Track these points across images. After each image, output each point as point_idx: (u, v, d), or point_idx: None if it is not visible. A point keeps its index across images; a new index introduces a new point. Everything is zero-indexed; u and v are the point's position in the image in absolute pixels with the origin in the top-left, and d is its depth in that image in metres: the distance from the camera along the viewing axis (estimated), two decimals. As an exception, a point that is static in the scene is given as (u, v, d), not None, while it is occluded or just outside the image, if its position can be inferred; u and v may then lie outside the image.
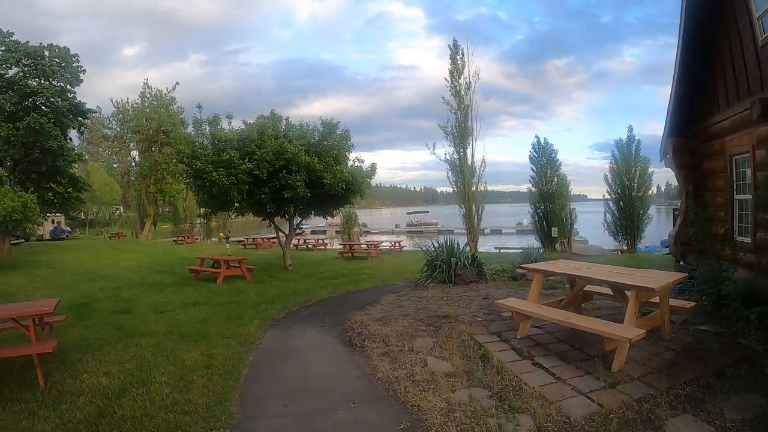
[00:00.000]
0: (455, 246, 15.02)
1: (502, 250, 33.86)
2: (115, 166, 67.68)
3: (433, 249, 15.21)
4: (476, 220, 30.60)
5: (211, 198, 18.01)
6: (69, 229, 63.91)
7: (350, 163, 19.15)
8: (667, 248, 36.39)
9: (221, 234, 47.89)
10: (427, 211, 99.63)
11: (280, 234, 20.93)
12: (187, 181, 19.96)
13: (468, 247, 19.99)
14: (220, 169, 16.53)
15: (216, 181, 16.41)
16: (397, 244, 30.34)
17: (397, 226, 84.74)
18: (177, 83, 17.32)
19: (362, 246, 28.47)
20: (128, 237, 59.23)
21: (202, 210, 21.70)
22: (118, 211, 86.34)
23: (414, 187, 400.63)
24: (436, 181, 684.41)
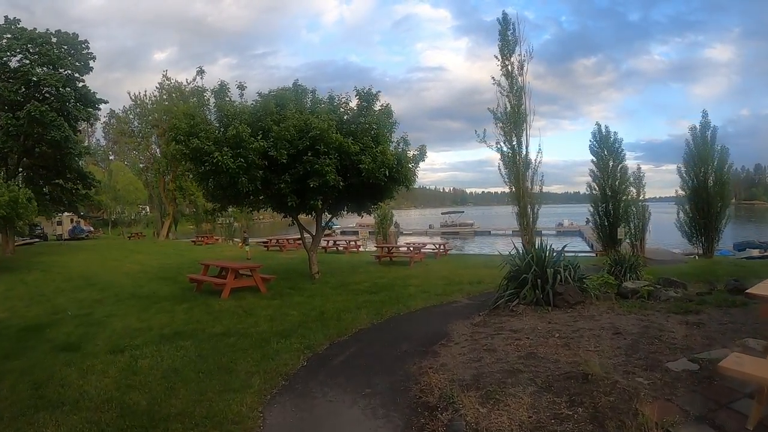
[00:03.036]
0: (548, 251, 10.91)
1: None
2: (141, 166, 65.51)
3: (515, 255, 11.14)
4: (531, 219, 26.81)
5: (218, 189, 14.31)
6: (91, 228, 62.47)
7: (393, 144, 15.22)
8: (741, 251, 32.92)
9: (242, 235, 44.08)
10: (462, 211, 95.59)
11: (305, 235, 16.90)
12: (186, 166, 16.28)
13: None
14: (225, 149, 12.75)
15: (219, 165, 12.63)
16: (441, 247, 26.22)
17: (431, 226, 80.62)
18: (201, 70, 14.70)
19: (402, 249, 24.46)
20: (148, 237, 56.63)
21: (210, 206, 17.90)
22: (144, 211, 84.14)
23: (443, 188, 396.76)
24: (466, 182, 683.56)
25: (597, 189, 27.67)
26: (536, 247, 11.08)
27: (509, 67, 25.97)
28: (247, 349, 7.71)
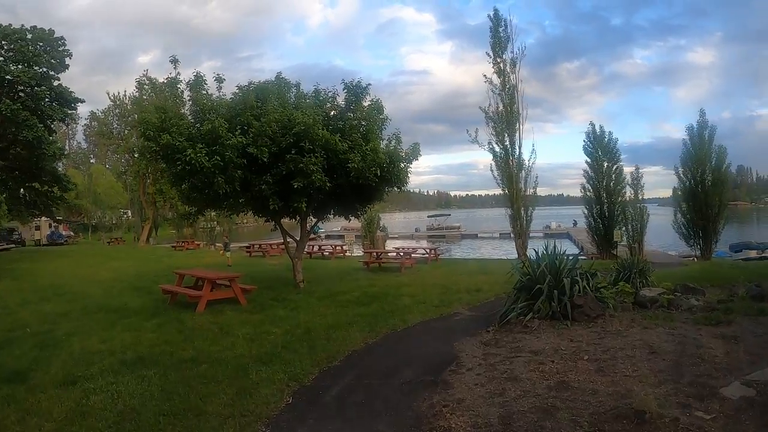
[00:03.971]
0: (562, 257, 9.74)
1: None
2: (122, 169, 63.99)
3: (525, 263, 10.01)
4: (525, 221, 25.83)
5: (193, 190, 13.07)
6: (71, 233, 61.11)
7: (384, 142, 14.03)
8: (738, 253, 32.11)
9: (223, 240, 42.40)
10: (449, 214, 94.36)
11: (289, 240, 15.63)
12: (157, 166, 14.99)
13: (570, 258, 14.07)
14: (199, 146, 11.51)
15: (193, 163, 11.38)
16: (432, 252, 24.97)
17: (417, 230, 79.48)
18: (175, 59, 13.34)
19: (391, 254, 23.22)
20: (129, 242, 55.10)
21: (186, 209, 16.60)
22: (125, 215, 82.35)
23: (427, 191, 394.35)
24: (449, 185, 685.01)
25: (591, 190, 26.82)
26: (548, 252, 9.88)
27: (501, 65, 25.20)
28: (220, 381, 6.43)
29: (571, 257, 10.03)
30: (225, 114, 12.51)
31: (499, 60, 25.29)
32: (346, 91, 13.84)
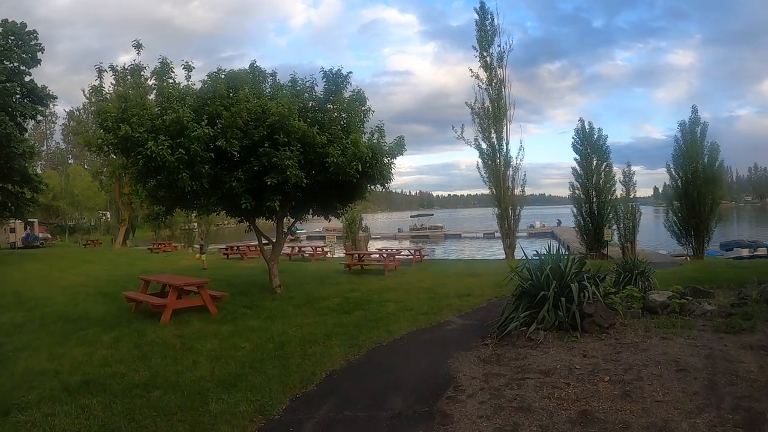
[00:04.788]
0: (567, 261, 8.72)
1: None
2: (102, 170, 62.38)
3: (527, 265, 8.93)
4: (513, 221, 25.00)
5: (159, 188, 11.91)
6: (47, 236, 60.12)
7: (366, 136, 12.98)
8: (729, 251, 31.55)
9: (198, 242, 40.91)
10: (432, 214, 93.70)
11: (264, 242, 14.50)
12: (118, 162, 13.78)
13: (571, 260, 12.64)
14: (162, 138, 10.36)
15: (154, 157, 10.23)
16: (417, 253, 23.83)
17: (399, 230, 78.67)
18: (138, 44, 12.22)
19: (374, 256, 22.14)
20: (106, 245, 53.35)
21: (153, 209, 15.42)
22: (104, 217, 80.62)
23: (409, 192, 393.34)
24: (431, 186, 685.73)
25: (580, 189, 26.02)
26: (551, 254, 8.86)
27: (488, 59, 24.45)
28: (173, 414, 5.31)
29: (576, 259, 9.01)
30: (192, 103, 11.39)
31: (485, 54, 24.63)
32: (325, 80, 12.73)
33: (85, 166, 74.29)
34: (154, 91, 11.99)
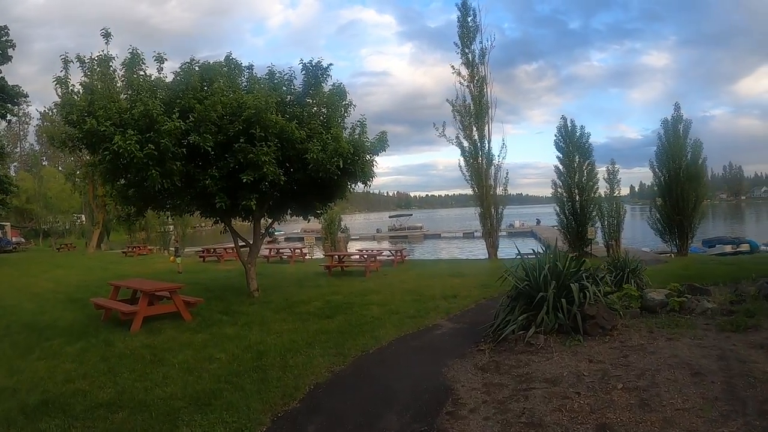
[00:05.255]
0: (566, 259, 8.18)
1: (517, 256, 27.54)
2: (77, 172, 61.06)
3: (523, 264, 8.37)
4: (495, 220, 24.56)
5: (129, 187, 11.24)
6: (21, 240, 58.96)
7: (347, 131, 12.40)
8: (712, 248, 31.44)
9: (174, 245, 39.86)
10: (411, 214, 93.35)
11: (241, 244, 13.85)
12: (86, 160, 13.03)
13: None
14: (130, 132, 9.66)
15: (121, 153, 9.55)
16: (399, 254, 23.27)
17: (378, 230, 77.96)
18: (107, 32, 11.47)
19: (355, 257, 21.52)
20: (80, 248, 51.80)
21: (124, 209, 14.71)
22: (79, 220, 79.08)
23: (387, 192, 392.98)
24: (409, 186, 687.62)
25: (562, 187, 25.64)
26: (548, 253, 8.35)
27: (470, 56, 23.98)
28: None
29: (572, 257, 8.49)
30: (164, 97, 10.72)
31: (467, 51, 24.18)
32: (304, 73, 12.12)
33: (60, 168, 72.86)
34: (124, 83, 11.29)
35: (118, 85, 11.18)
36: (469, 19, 24.01)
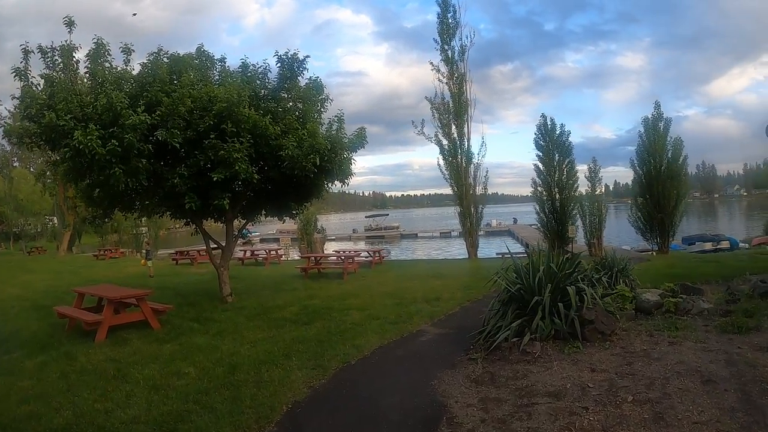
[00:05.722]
0: (562, 260, 7.66)
1: (506, 256, 27.21)
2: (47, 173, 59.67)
3: (511, 268, 7.83)
4: (475, 219, 24.16)
5: (94, 186, 10.55)
6: None
7: (324, 127, 11.83)
8: (691, 245, 31.38)
9: (144, 248, 38.53)
10: (387, 214, 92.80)
11: (213, 246, 13.19)
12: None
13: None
14: (92, 127, 8.99)
15: (81, 149, 8.87)
16: (377, 255, 22.75)
17: (354, 231, 77.35)
18: (70, 20, 10.72)
19: (331, 258, 20.92)
20: (52, 251, 50.39)
21: (89, 211, 13.99)
22: (51, 223, 77.45)
23: (363, 192, 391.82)
24: (385, 186, 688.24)
25: (542, 185, 25.40)
26: (541, 252, 7.83)
27: (449, 53, 23.60)
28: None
29: (567, 258, 7.99)
30: (130, 90, 10.06)
31: (446, 48, 23.88)
32: (279, 65, 11.51)
33: (31, 169, 71.26)
34: (87, 75, 10.57)
35: (81, 75, 10.47)
36: (449, 15, 23.72)
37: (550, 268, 7.18)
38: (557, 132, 25.26)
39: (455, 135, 23.33)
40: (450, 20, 23.56)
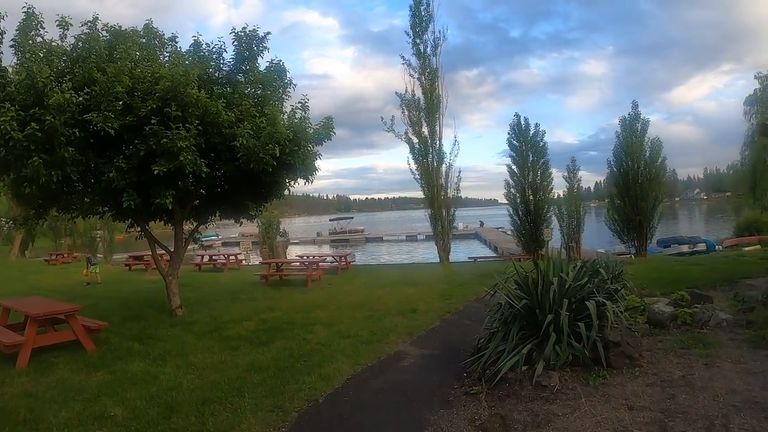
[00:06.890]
0: (577, 269, 6.33)
1: (478, 260, 29.13)
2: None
3: (516, 277, 6.47)
4: (447, 222, 23.04)
5: (20, 182, 8.99)
6: None
7: (285, 115, 10.40)
8: (667, 248, 30.72)
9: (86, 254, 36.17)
10: (352, 217, 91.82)
11: (160, 252, 11.67)
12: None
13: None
14: (7, 106, 7.48)
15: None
16: (343, 260, 21.24)
17: (319, 234, 75.70)
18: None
19: (295, 264, 19.43)
20: (3, 255, 47.72)
21: (22, 211, 12.40)
22: (7, 225, 74.04)
23: (327, 196, 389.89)
24: (349, 189, 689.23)
25: (515, 186, 24.59)
26: (549, 261, 6.45)
27: (421, 47, 22.48)
28: None
29: (578, 265, 6.68)
30: (63, 67, 8.57)
31: (419, 41, 22.68)
32: (236, 44, 10.04)
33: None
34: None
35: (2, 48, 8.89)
36: (422, 8, 22.42)
37: (562, 280, 5.86)
38: (531, 132, 24.53)
39: (426, 133, 22.08)
40: (423, 12, 22.33)
